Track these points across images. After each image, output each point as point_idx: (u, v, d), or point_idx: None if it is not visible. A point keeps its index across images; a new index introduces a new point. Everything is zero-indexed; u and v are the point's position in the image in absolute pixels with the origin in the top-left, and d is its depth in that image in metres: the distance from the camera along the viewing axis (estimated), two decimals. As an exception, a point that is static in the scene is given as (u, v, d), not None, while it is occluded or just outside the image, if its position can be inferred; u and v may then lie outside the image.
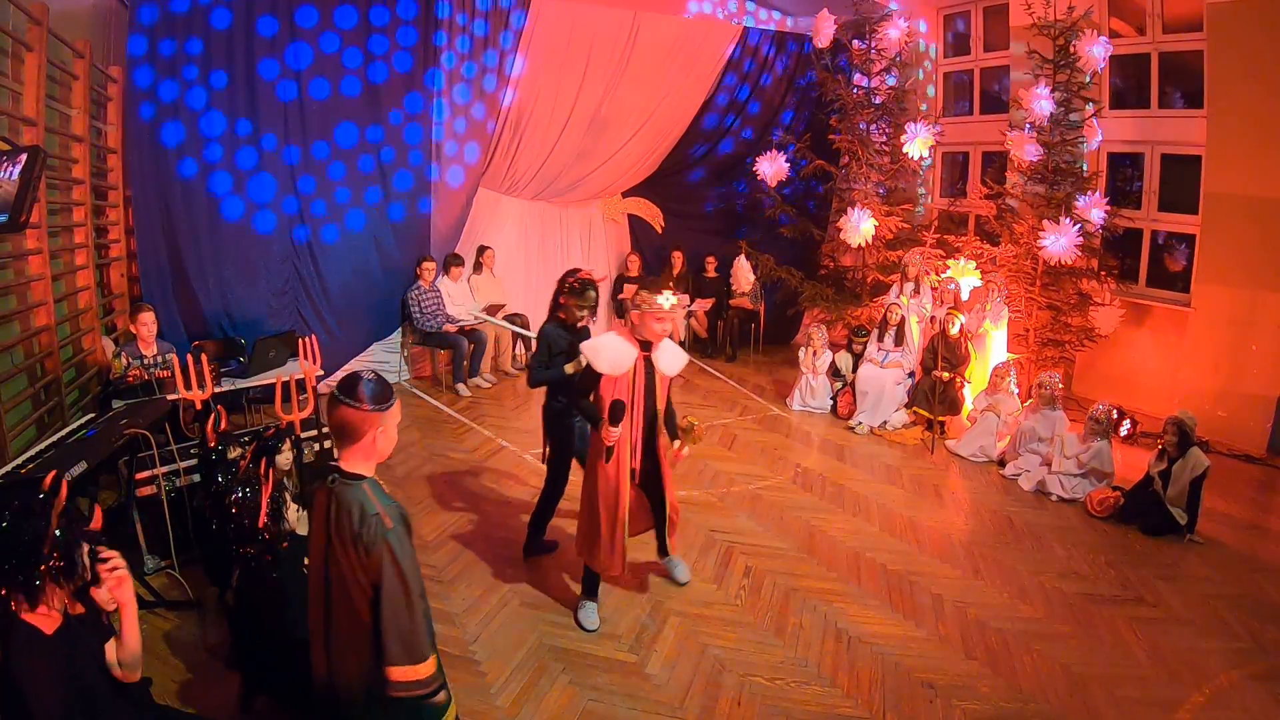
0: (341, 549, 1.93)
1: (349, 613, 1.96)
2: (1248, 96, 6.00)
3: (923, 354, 6.49)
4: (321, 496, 2.01)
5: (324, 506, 1.98)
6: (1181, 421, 4.80)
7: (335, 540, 1.94)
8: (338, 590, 1.97)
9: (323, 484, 2.02)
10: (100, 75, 5.39)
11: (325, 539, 1.98)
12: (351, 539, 1.89)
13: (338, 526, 1.93)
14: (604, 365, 3.26)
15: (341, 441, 2.00)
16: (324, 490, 2.00)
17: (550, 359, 3.79)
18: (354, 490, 1.96)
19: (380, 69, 6.55)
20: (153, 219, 5.86)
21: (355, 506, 1.92)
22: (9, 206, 3.10)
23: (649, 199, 9.05)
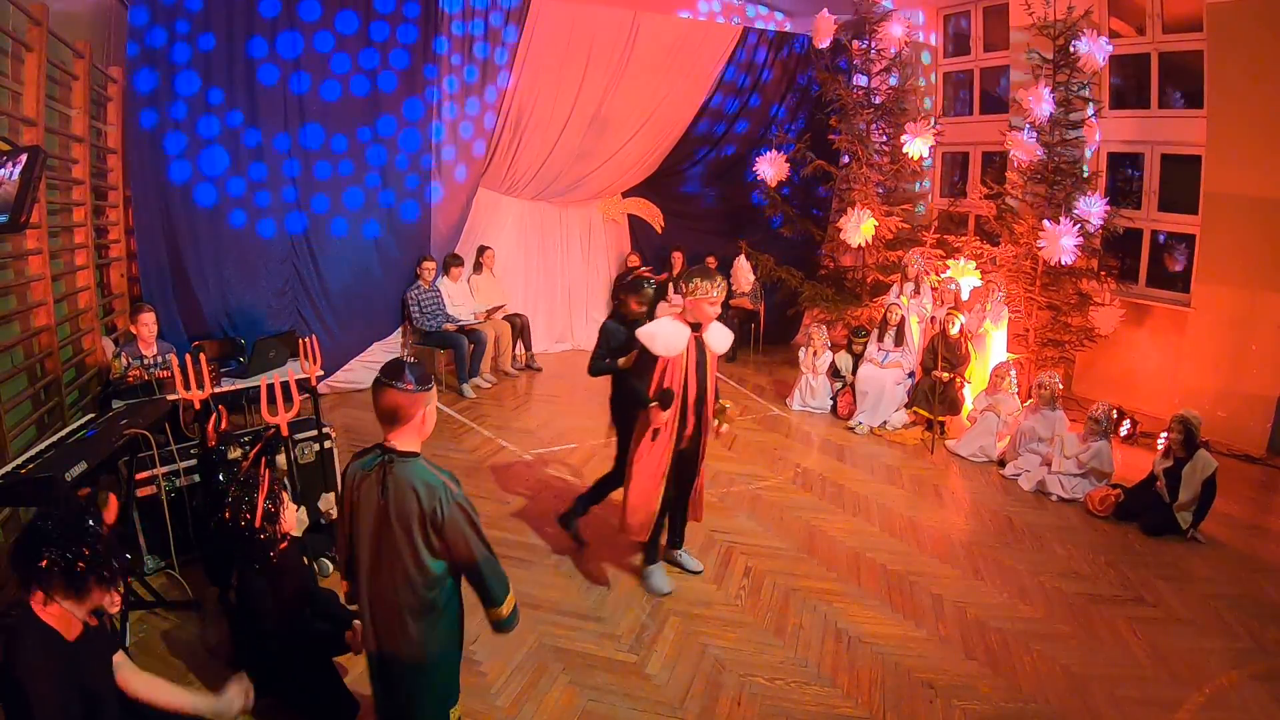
0: (400, 525, 2.04)
1: (395, 589, 2.09)
2: (1248, 96, 6.00)
3: (923, 354, 6.49)
4: (375, 477, 2.08)
5: (377, 486, 2.07)
6: (1187, 420, 4.79)
7: (394, 518, 2.04)
8: (388, 565, 2.08)
9: (375, 465, 2.09)
10: (100, 75, 5.39)
11: (381, 518, 2.08)
12: (420, 515, 2.01)
13: (398, 504, 2.03)
14: (661, 348, 3.49)
15: (392, 424, 2.09)
16: (380, 469, 2.08)
17: (609, 352, 4.00)
18: (412, 467, 2.07)
19: (381, 69, 6.55)
20: (153, 219, 5.86)
21: (418, 483, 2.03)
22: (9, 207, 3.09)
23: (649, 199, 9.05)
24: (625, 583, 3.99)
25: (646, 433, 3.59)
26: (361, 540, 2.14)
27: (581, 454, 5.71)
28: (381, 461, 2.09)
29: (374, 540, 2.11)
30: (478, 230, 7.86)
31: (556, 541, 4.38)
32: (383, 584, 2.11)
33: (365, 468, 2.12)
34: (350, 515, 2.18)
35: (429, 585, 2.09)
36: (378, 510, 2.08)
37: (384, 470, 2.07)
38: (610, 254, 9.03)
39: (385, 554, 2.09)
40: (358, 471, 2.15)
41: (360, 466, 2.15)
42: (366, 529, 2.12)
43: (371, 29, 6.46)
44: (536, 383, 7.56)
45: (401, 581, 2.08)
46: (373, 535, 2.10)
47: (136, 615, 3.45)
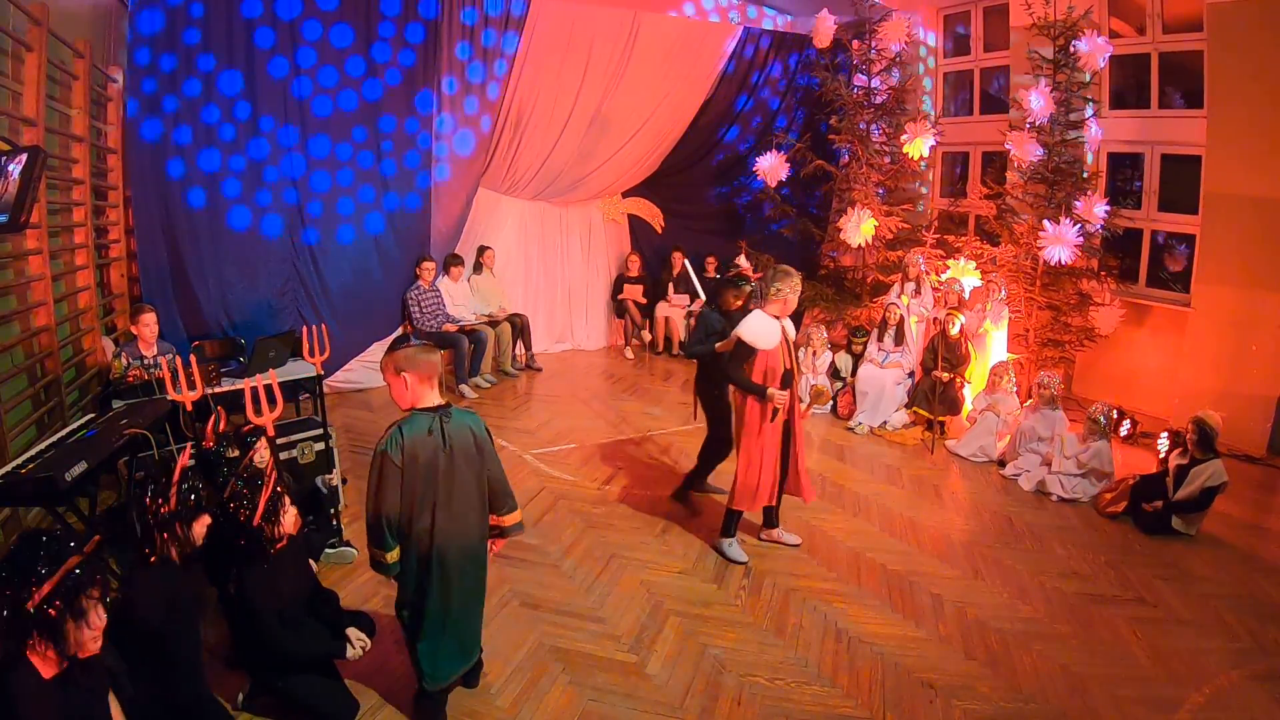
0: (464, 457, 2.66)
1: (466, 495, 2.71)
2: (1248, 96, 6.00)
3: (923, 354, 6.49)
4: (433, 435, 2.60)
5: (439, 439, 2.61)
6: (1204, 422, 4.77)
7: (460, 459, 2.65)
8: (459, 485, 2.68)
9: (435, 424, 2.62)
10: (100, 75, 5.39)
11: (450, 462, 2.63)
12: (475, 442, 2.70)
13: (461, 445, 2.66)
14: (764, 344, 3.89)
15: (431, 384, 2.65)
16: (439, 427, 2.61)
17: (705, 337, 4.57)
18: (455, 414, 2.70)
19: (382, 68, 6.56)
20: (153, 219, 5.86)
21: (467, 420, 2.71)
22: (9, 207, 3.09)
23: (649, 199, 9.05)
24: (625, 582, 3.99)
25: (762, 414, 3.96)
26: (433, 491, 2.61)
27: (581, 454, 5.71)
28: (439, 418, 2.62)
29: (447, 483, 2.63)
30: (478, 230, 7.86)
31: (557, 540, 4.38)
32: (457, 514, 2.68)
33: (429, 430, 2.59)
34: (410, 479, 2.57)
35: (484, 505, 2.79)
36: (446, 459, 2.61)
37: (442, 425, 2.61)
38: (610, 254, 9.03)
39: (458, 491, 2.66)
40: (420, 440, 2.57)
41: (417, 433, 2.57)
42: (439, 477, 2.61)
43: (374, 29, 6.46)
44: (536, 383, 7.56)
45: (476, 505, 2.74)
46: (446, 479, 2.62)
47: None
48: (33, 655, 1.79)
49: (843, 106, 7.75)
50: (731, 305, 4.64)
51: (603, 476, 5.31)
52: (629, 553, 4.29)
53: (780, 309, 4.03)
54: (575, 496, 4.97)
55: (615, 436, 6.06)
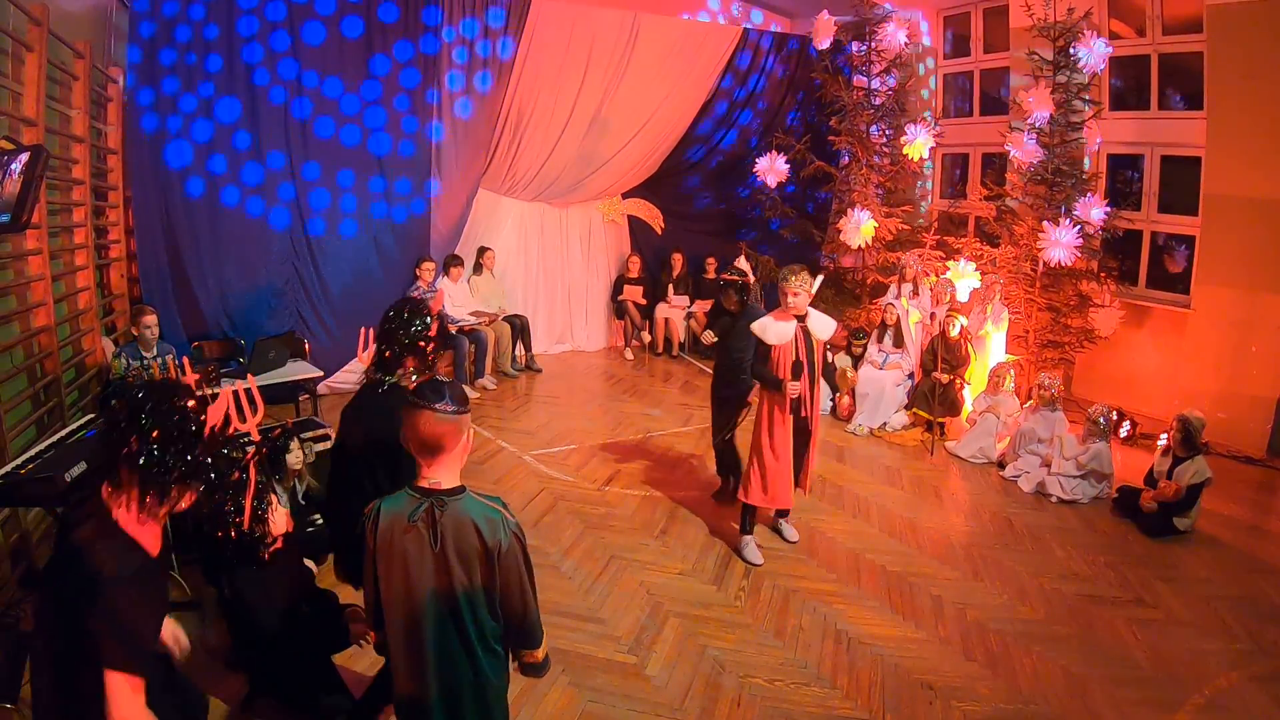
0: (463, 564, 1.87)
1: (451, 619, 1.91)
2: (1248, 97, 6.00)
3: (922, 355, 6.49)
4: (421, 526, 1.87)
5: (427, 533, 1.86)
6: (1188, 420, 4.79)
7: (455, 559, 1.86)
8: (447, 607, 1.90)
9: (418, 513, 1.87)
10: (100, 75, 5.39)
11: (439, 569, 1.88)
12: (484, 551, 1.86)
13: (458, 546, 1.86)
14: (772, 339, 4.02)
15: (433, 454, 1.87)
16: (427, 516, 1.86)
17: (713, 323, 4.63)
18: (465, 503, 1.89)
19: (381, 66, 6.56)
20: (153, 219, 5.87)
21: (478, 519, 1.87)
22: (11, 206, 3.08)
23: (649, 200, 9.05)
24: (625, 583, 3.99)
25: (778, 408, 4.07)
26: (411, 599, 1.90)
27: (581, 454, 5.71)
28: (429, 506, 1.87)
29: (430, 596, 1.89)
30: (478, 231, 7.86)
31: (556, 542, 4.38)
32: (446, 642, 1.92)
33: (411, 519, 1.87)
34: (386, 572, 1.92)
35: (494, 635, 1.96)
36: (434, 562, 1.87)
37: (432, 515, 1.86)
38: (610, 255, 9.03)
39: (444, 608, 1.90)
40: (398, 523, 1.88)
41: (391, 515, 1.90)
42: (419, 586, 1.89)
43: (373, 26, 6.46)
44: (536, 384, 7.56)
45: (459, 640, 1.92)
46: (429, 592, 1.88)
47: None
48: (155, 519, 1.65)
49: (843, 107, 7.75)
50: (728, 306, 4.70)
51: (603, 477, 5.31)
52: (629, 554, 4.29)
53: (790, 307, 4.07)
54: (575, 497, 4.97)
55: (615, 437, 6.06)
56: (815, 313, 4.17)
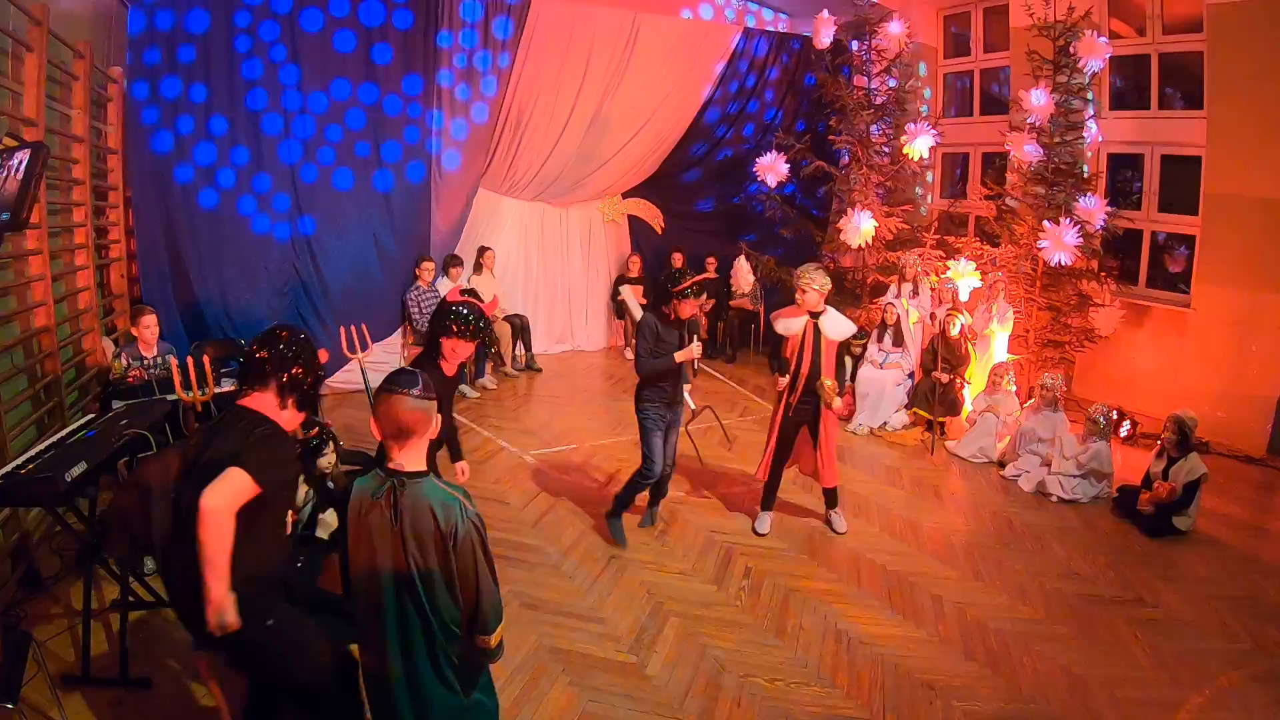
0: (418, 545, 1.97)
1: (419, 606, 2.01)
2: (1248, 97, 6.00)
3: (922, 355, 6.49)
4: (385, 504, 1.98)
5: (388, 512, 1.97)
6: (1182, 420, 4.81)
7: (411, 540, 1.96)
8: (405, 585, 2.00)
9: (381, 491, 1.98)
10: (100, 75, 5.38)
11: (396, 547, 1.98)
12: (439, 535, 1.95)
13: (414, 527, 1.96)
14: (780, 329, 4.36)
15: (404, 438, 2.00)
16: (389, 495, 1.97)
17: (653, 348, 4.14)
18: (425, 487, 1.99)
19: (380, 65, 6.56)
20: (153, 219, 5.87)
21: (435, 503, 1.96)
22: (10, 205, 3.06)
23: (649, 200, 9.05)
24: (625, 583, 3.99)
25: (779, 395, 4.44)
26: (373, 574, 2.01)
27: (581, 454, 5.71)
28: (391, 485, 1.98)
29: (390, 573, 1.99)
30: (478, 231, 7.86)
31: (556, 541, 4.38)
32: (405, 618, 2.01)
33: (375, 496, 1.99)
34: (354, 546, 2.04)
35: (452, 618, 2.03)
36: (393, 540, 1.97)
37: (394, 495, 1.97)
38: (610, 255, 9.03)
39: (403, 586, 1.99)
40: (365, 499, 2.00)
41: (360, 492, 2.02)
42: (381, 562, 1.99)
43: (373, 24, 6.46)
44: (536, 383, 7.56)
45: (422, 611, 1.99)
46: (389, 569, 1.99)
47: (136, 615, 3.45)
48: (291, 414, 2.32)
49: (842, 107, 7.75)
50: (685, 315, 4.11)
51: (603, 477, 5.31)
52: (629, 553, 4.29)
53: (800, 303, 4.27)
54: (575, 497, 4.97)
55: (615, 437, 6.06)
56: (832, 312, 4.36)
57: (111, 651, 3.22)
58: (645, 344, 4.07)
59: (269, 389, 2.27)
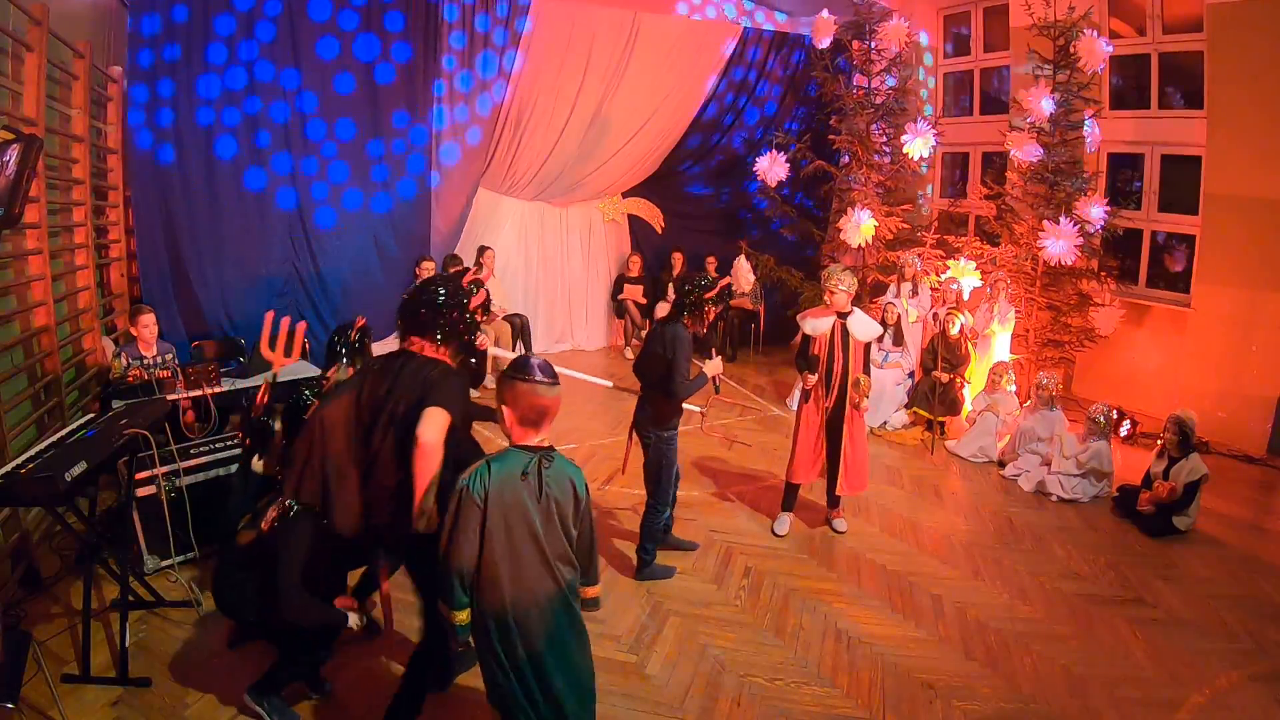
0: (560, 518, 2.19)
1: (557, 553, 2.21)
2: (1248, 97, 6.00)
3: (922, 354, 6.49)
4: (530, 481, 2.15)
5: (535, 487, 2.15)
6: (1182, 420, 4.81)
7: (556, 515, 2.18)
8: (552, 543, 2.19)
9: (531, 467, 2.16)
10: (100, 75, 5.38)
11: (546, 518, 2.17)
12: (575, 500, 2.21)
13: (560, 499, 2.18)
14: (808, 329, 4.35)
15: (539, 424, 2.20)
16: (536, 471, 2.16)
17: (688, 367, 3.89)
18: (559, 461, 2.21)
19: (380, 64, 6.56)
20: (153, 219, 5.87)
21: (571, 472, 2.22)
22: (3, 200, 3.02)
23: (649, 199, 9.05)
24: (625, 583, 3.99)
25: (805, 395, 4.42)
26: (514, 550, 2.14)
27: (581, 454, 5.71)
28: (538, 460, 2.16)
29: (534, 544, 2.16)
30: (478, 230, 7.86)
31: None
32: (539, 586, 2.18)
33: (523, 473, 2.14)
34: (492, 527, 2.13)
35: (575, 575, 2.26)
36: (541, 513, 2.15)
37: (539, 469, 2.15)
38: (610, 254, 9.03)
39: (547, 554, 2.17)
40: (504, 480, 2.13)
41: (505, 473, 2.14)
42: (522, 535, 2.14)
43: (372, 24, 6.47)
44: (536, 383, 7.54)
45: (559, 572, 2.20)
46: (532, 539, 2.15)
47: (136, 615, 3.45)
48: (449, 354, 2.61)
49: (842, 107, 7.75)
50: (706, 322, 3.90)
51: (603, 476, 5.31)
52: (629, 553, 4.29)
53: (829, 303, 4.32)
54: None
55: (615, 436, 6.06)
56: (859, 313, 4.37)
57: (111, 651, 3.22)
58: (684, 364, 3.64)
59: (428, 335, 2.59)
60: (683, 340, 3.69)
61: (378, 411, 2.49)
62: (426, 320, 2.59)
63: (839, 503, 4.66)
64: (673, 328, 3.75)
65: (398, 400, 2.46)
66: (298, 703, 2.96)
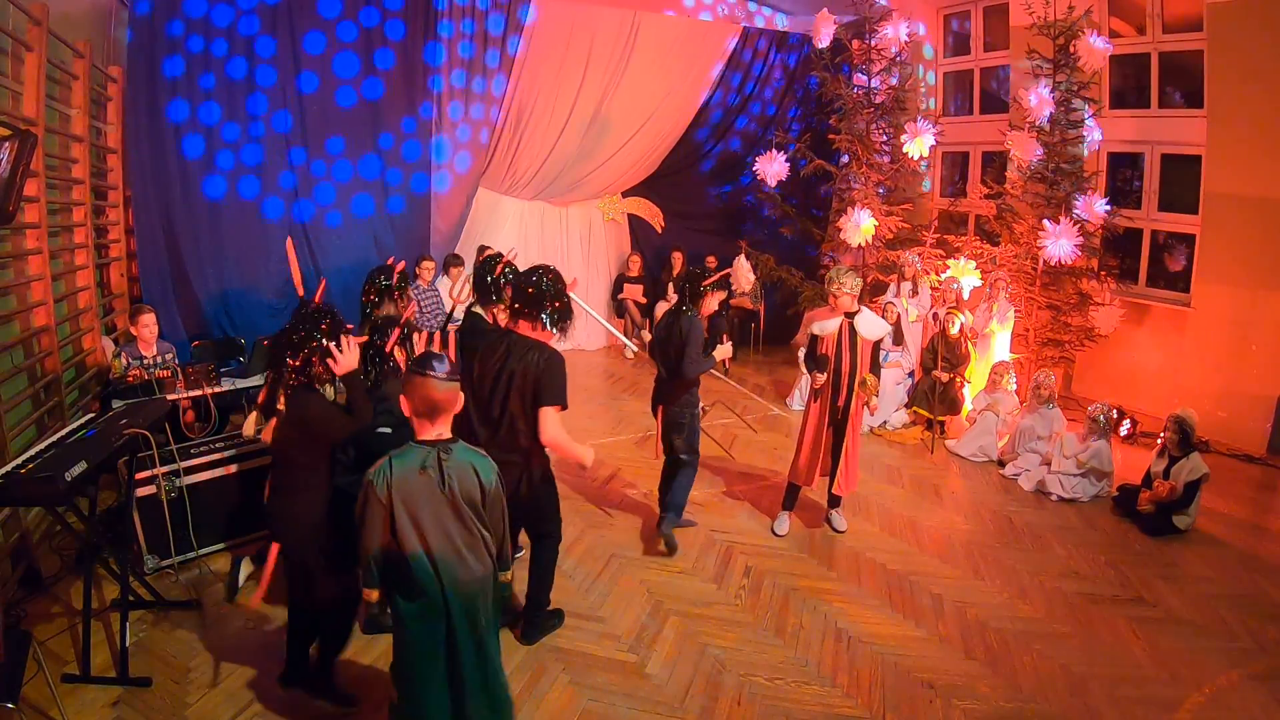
0: (469, 505, 2.27)
1: (468, 540, 2.31)
2: (1248, 96, 5.99)
3: (922, 354, 6.49)
4: (430, 472, 2.22)
5: (435, 478, 2.22)
6: (1183, 419, 4.81)
7: (462, 502, 2.25)
8: (460, 529, 2.29)
9: (430, 460, 2.23)
10: (100, 75, 5.38)
11: (452, 507, 2.25)
12: (480, 489, 2.28)
13: (463, 487, 2.25)
14: (816, 329, 4.33)
15: (435, 416, 2.25)
16: (436, 462, 2.23)
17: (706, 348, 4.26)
18: (459, 451, 2.28)
19: (380, 66, 6.57)
20: (153, 219, 5.87)
21: (475, 461, 2.29)
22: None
23: (649, 199, 9.05)
24: (625, 582, 3.99)
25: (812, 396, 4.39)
26: (422, 541, 2.23)
27: (581, 454, 5.70)
28: (436, 453, 2.23)
29: (442, 536, 2.24)
30: (478, 230, 7.86)
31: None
32: (454, 560, 2.26)
33: (423, 465, 2.21)
34: (398, 518, 2.21)
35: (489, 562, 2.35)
36: (447, 504, 2.23)
37: (439, 462, 2.22)
38: (610, 254, 9.03)
39: (457, 544, 2.26)
40: (404, 474, 2.20)
41: (405, 467, 2.21)
42: (429, 527, 2.22)
43: (372, 26, 6.47)
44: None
45: (478, 552, 2.30)
46: (439, 531, 2.23)
47: (136, 615, 3.45)
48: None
49: (843, 106, 7.75)
50: (712, 309, 4.29)
51: (603, 476, 5.31)
52: (629, 552, 4.29)
53: (834, 305, 4.30)
54: (575, 496, 4.97)
55: (615, 436, 6.06)
56: (867, 312, 4.36)
57: (111, 651, 3.22)
58: (697, 346, 4.05)
59: (537, 322, 3.02)
60: (695, 327, 4.08)
61: (496, 378, 3.01)
62: (531, 305, 3.02)
63: (839, 501, 4.67)
64: (687, 315, 4.13)
65: (512, 374, 2.97)
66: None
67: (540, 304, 3.02)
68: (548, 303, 3.03)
